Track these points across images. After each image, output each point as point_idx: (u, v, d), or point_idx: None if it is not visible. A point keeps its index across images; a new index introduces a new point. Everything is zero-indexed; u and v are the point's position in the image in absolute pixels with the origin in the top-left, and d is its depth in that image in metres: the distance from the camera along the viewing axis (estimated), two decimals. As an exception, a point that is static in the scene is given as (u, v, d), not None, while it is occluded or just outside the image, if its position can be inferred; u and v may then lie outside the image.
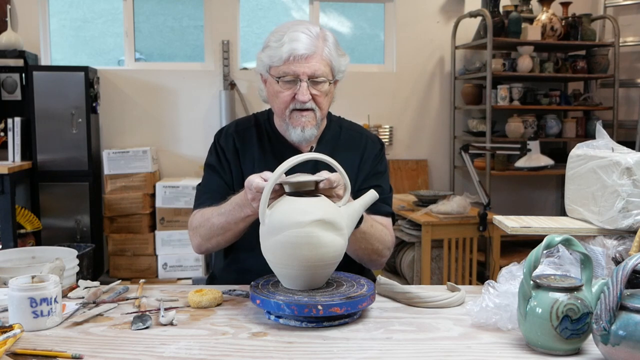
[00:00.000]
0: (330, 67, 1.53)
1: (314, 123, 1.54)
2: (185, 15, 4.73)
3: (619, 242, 1.37)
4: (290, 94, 1.51)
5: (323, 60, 1.51)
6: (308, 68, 1.49)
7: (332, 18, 4.95)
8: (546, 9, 4.46)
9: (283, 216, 1.24)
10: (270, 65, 1.53)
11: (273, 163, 1.53)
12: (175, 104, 4.45)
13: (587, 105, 4.65)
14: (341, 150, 1.63)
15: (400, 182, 4.65)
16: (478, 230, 3.38)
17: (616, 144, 1.48)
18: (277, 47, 1.50)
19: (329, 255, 1.25)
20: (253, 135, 1.65)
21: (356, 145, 1.67)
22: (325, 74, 1.52)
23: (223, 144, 1.65)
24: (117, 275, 3.98)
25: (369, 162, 1.66)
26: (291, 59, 1.48)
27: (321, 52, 1.51)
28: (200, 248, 1.58)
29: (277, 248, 1.25)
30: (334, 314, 1.19)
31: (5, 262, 1.60)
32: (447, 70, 4.76)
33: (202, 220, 1.53)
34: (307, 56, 1.48)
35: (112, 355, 1.09)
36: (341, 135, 1.68)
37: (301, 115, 1.53)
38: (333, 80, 1.56)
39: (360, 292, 1.26)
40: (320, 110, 1.54)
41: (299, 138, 1.55)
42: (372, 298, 1.27)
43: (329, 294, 1.25)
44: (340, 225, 1.27)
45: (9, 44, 3.96)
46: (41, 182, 3.95)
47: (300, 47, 1.47)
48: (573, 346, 1.08)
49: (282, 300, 1.20)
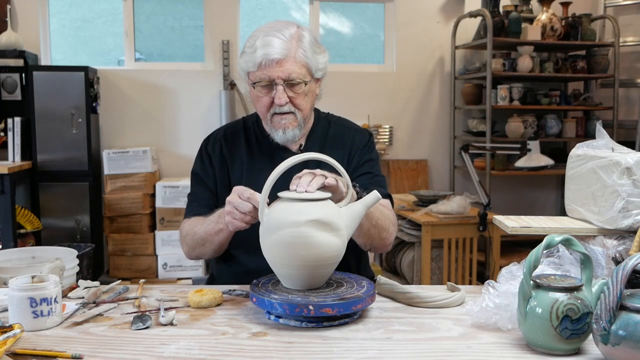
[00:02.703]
0: (307, 68, 1.53)
1: (295, 124, 1.56)
2: (185, 15, 4.73)
3: (619, 242, 1.37)
4: (268, 99, 1.53)
5: (297, 62, 1.51)
6: (282, 72, 1.49)
7: (332, 18, 4.95)
8: (546, 9, 4.46)
9: (280, 215, 1.25)
10: (247, 70, 1.55)
11: (262, 163, 1.57)
12: (175, 104, 4.45)
13: (587, 105, 4.65)
14: (330, 146, 1.65)
15: (400, 182, 4.65)
16: (478, 230, 3.39)
17: (616, 144, 1.48)
18: (251, 53, 1.51)
19: (325, 255, 1.25)
20: (241, 138, 1.68)
21: (344, 140, 1.68)
22: (301, 76, 1.52)
23: (210, 150, 1.67)
24: (117, 275, 3.98)
25: (357, 152, 1.66)
26: (264, 64, 1.49)
27: (294, 54, 1.51)
28: (189, 255, 1.62)
29: (275, 247, 1.25)
30: (325, 314, 1.19)
31: (5, 262, 1.60)
32: (447, 70, 4.76)
33: (188, 229, 1.58)
34: (280, 60, 1.49)
35: (112, 355, 1.09)
36: (329, 131, 1.70)
37: (281, 118, 1.55)
38: (311, 79, 1.56)
39: (356, 293, 1.25)
40: (301, 111, 1.56)
41: (281, 139, 1.58)
42: (369, 300, 1.26)
43: (325, 294, 1.25)
44: (337, 226, 1.26)
45: (9, 44, 3.96)
46: (41, 182, 3.95)
47: (272, 52, 1.48)
48: (573, 346, 1.08)
49: (275, 299, 1.21)
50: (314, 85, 1.59)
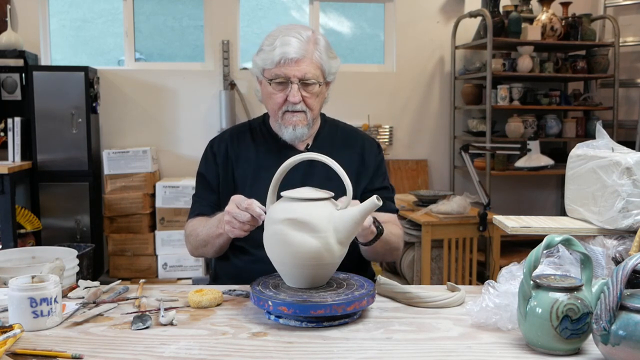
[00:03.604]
0: (321, 70, 1.59)
1: (305, 123, 1.61)
2: (185, 15, 4.73)
3: (619, 242, 1.37)
4: (282, 96, 1.58)
5: (313, 64, 1.57)
6: (298, 71, 1.55)
7: (332, 18, 4.95)
8: (546, 9, 4.46)
9: (270, 212, 1.31)
10: (263, 67, 1.60)
11: (270, 161, 1.60)
12: (175, 104, 4.45)
13: (587, 105, 4.65)
14: (339, 148, 1.69)
15: (400, 182, 4.65)
16: (478, 230, 3.38)
17: (616, 144, 1.48)
18: (270, 51, 1.56)
19: (300, 255, 1.24)
20: (247, 138, 1.72)
21: (353, 143, 1.72)
22: (316, 77, 1.58)
23: (215, 149, 1.72)
24: (117, 275, 3.98)
25: (371, 164, 1.70)
26: (282, 62, 1.54)
27: (311, 55, 1.57)
28: (192, 253, 1.71)
29: (265, 241, 1.32)
30: (325, 314, 1.19)
31: (5, 262, 1.60)
32: (447, 70, 4.76)
33: (191, 230, 1.66)
34: (298, 59, 1.54)
35: (112, 355, 1.09)
36: (337, 133, 1.74)
37: (292, 116, 1.60)
38: (324, 82, 1.61)
39: (356, 293, 1.25)
40: (311, 111, 1.61)
41: (290, 136, 1.62)
42: (369, 300, 1.26)
43: (325, 294, 1.25)
44: (317, 228, 1.24)
45: (9, 44, 3.96)
46: (41, 182, 3.95)
47: (291, 51, 1.54)
48: (573, 346, 1.08)
49: (274, 299, 1.22)
50: (325, 88, 1.64)
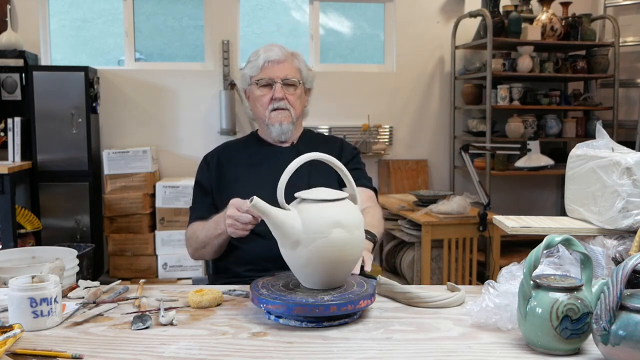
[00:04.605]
0: (301, 74, 1.84)
1: (289, 120, 1.82)
2: (185, 15, 4.73)
3: (619, 242, 1.37)
4: (268, 97, 1.80)
5: (294, 67, 1.83)
6: (280, 72, 1.80)
7: (332, 18, 4.95)
8: (546, 9, 4.46)
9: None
10: (250, 75, 1.84)
11: (258, 157, 1.84)
12: (175, 104, 4.45)
13: (587, 105, 4.65)
14: (320, 146, 1.79)
15: (400, 182, 4.65)
16: (478, 230, 3.39)
17: (616, 144, 1.49)
18: (255, 60, 1.83)
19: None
20: (240, 146, 1.92)
21: (333, 144, 1.94)
22: (297, 78, 1.82)
23: (209, 159, 1.89)
24: (117, 275, 3.98)
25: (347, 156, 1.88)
26: (266, 65, 1.80)
27: (291, 61, 1.83)
28: (192, 256, 1.83)
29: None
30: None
31: (5, 262, 1.60)
32: (447, 70, 4.76)
33: (191, 233, 1.78)
34: (279, 61, 1.80)
35: (112, 355, 1.09)
36: (319, 137, 2.01)
37: (278, 113, 1.81)
38: (303, 82, 1.84)
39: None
40: (294, 109, 1.82)
41: (278, 132, 1.82)
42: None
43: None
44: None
45: (9, 44, 3.96)
46: (41, 182, 3.95)
47: (273, 55, 1.80)
48: (573, 346, 1.08)
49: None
50: (305, 94, 1.88)
